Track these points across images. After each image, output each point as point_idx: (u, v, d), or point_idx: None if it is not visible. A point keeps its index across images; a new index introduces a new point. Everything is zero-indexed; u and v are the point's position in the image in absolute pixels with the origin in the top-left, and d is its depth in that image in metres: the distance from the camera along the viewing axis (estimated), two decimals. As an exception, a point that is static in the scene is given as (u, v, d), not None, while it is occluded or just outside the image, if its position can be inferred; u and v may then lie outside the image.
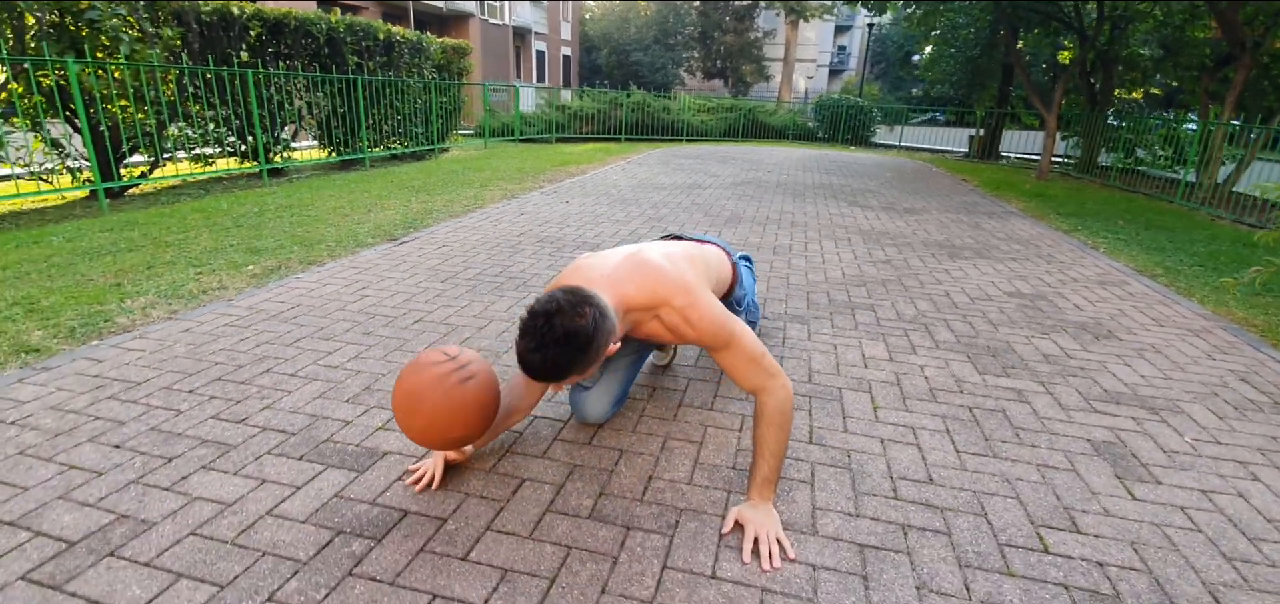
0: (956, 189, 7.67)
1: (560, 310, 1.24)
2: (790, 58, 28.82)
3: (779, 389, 1.45)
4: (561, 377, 1.28)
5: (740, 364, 1.46)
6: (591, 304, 1.28)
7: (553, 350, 1.23)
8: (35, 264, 3.20)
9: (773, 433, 1.44)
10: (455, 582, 1.25)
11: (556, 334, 1.22)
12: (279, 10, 6.61)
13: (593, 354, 1.28)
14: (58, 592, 1.19)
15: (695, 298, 1.47)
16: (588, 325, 1.25)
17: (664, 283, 1.46)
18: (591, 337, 1.26)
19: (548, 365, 1.24)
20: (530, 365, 1.26)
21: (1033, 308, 3.14)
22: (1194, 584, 1.33)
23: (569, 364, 1.26)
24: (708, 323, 1.45)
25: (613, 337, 1.34)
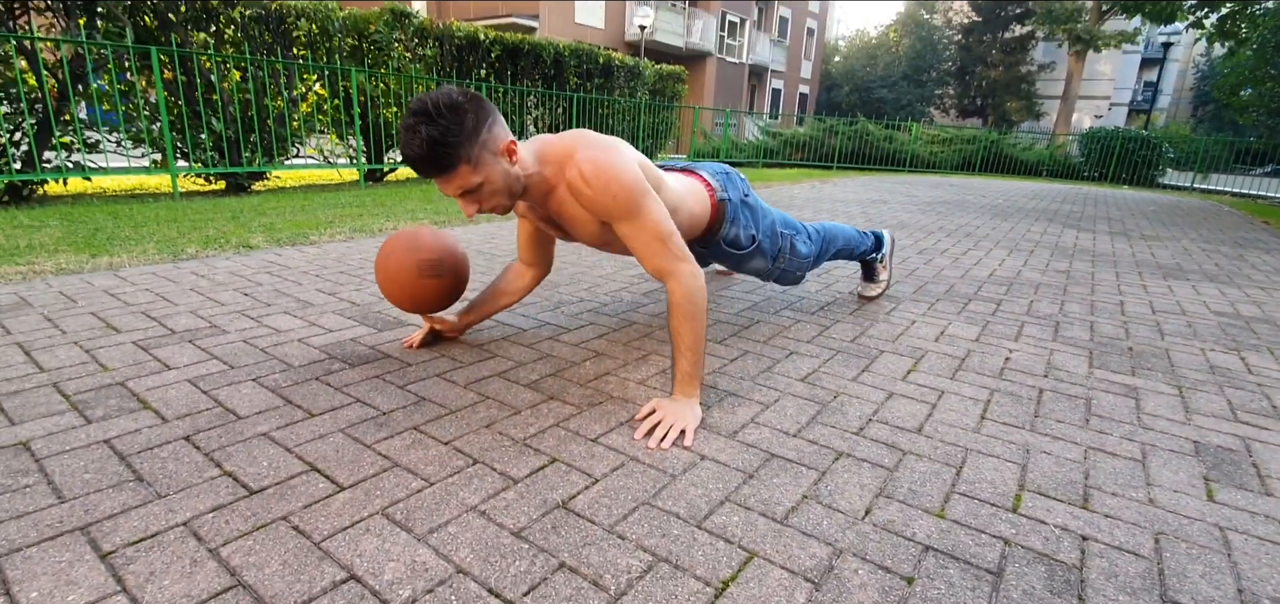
0: (1240, 226, 5.92)
1: (431, 93, 1.24)
2: (1072, 93, 24.74)
3: (687, 276, 1.37)
4: (445, 158, 1.23)
5: (645, 240, 1.39)
6: (468, 93, 1.26)
7: (428, 125, 1.20)
8: (289, 211, 4.29)
9: (685, 325, 1.36)
10: (381, 398, 1.43)
11: (427, 108, 1.21)
12: (515, 37, 7.83)
13: (471, 133, 1.24)
14: (152, 351, 1.65)
15: (600, 153, 1.37)
16: (460, 99, 1.23)
17: (577, 135, 1.42)
18: (464, 111, 1.23)
19: (428, 144, 1.20)
20: (410, 152, 1.23)
21: (1241, 327, 2.35)
22: (1224, 588, 0.93)
23: (447, 138, 1.21)
24: (610, 179, 1.34)
25: (502, 132, 1.31)
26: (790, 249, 2.01)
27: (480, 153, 1.27)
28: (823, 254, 2.17)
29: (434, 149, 1.22)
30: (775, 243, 1.96)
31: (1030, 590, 0.92)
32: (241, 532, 0.96)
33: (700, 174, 1.82)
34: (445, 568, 0.90)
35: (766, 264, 1.97)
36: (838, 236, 2.23)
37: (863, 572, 0.94)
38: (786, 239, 2.00)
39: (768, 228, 1.94)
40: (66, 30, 4.25)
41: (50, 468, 1.10)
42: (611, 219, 1.40)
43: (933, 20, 33.28)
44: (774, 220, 1.98)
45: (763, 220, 1.93)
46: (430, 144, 1.22)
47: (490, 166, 1.30)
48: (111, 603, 0.81)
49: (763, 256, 1.94)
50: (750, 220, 1.88)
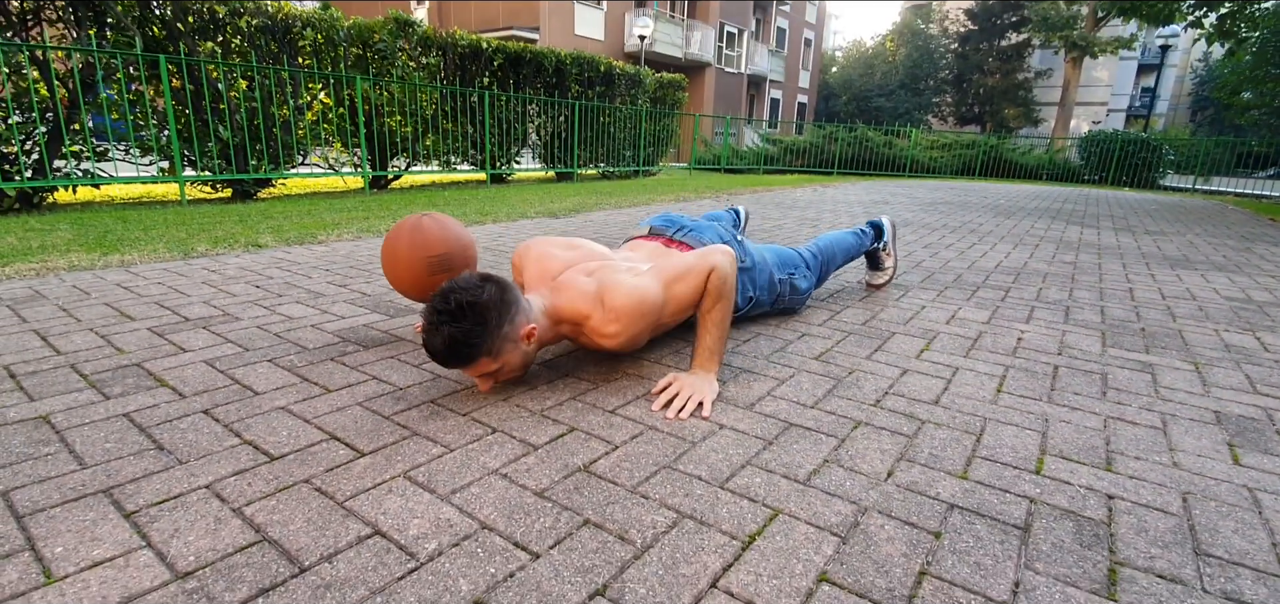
0: (1246, 223, 5.92)
1: (455, 288, 1.21)
2: (1069, 100, 24.91)
3: (722, 263, 1.40)
4: (466, 355, 1.21)
5: (684, 296, 1.40)
6: (492, 281, 1.24)
7: (451, 325, 1.18)
8: (296, 215, 4.31)
9: (715, 304, 1.39)
10: (397, 375, 1.43)
11: (451, 307, 1.18)
12: (517, 46, 7.88)
13: (494, 330, 1.22)
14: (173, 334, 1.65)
15: (609, 311, 1.34)
16: (483, 297, 1.21)
17: (582, 300, 1.37)
18: (487, 309, 1.20)
19: (449, 342, 1.18)
20: (433, 347, 1.20)
21: (1254, 310, 2.34)
22: (1257, 543, 0.93)
23: (469, 338, 1.19)
24: (632, 316, 1.34)
25: (523, 318, 1.28)
26: (790, 290, 1.98)
27: (502, 345, 1.25)
28: (824, 276, 2.17)
29: (455, 348, 1.20)
30: (774, 291, 1.93)
31: (1059, 543, 0.91)
32: (264, 493, 0.95)
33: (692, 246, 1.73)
34: (470, 524, 0.90)
35: (767, 309, 1.96)
36: (837, 253, 2.21)
37: (889, 527, 0.93)
38: (785, 284, 1.96)
39: (765, 283, 1.89)
40: (77, 41, 4.29)
41: (71, 438, 1.10)
42: (659, 321, 1.42)
43: (929, 29, 33.49)
44: (771, 270, 1.93)
45: (760, 278, 1.88)
46: (452, 343, 1.19)
47: (509, 354, 1.27)
48: (137, 557, 0.81)
49: (763, 306, 1.92)
50: (748, 284, 1.84)
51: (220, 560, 0.80)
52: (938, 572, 0.84)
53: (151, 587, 0.76)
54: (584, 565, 0.82)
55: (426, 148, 7.03)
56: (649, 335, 1.45)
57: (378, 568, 0.80)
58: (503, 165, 7.98)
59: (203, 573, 0.78)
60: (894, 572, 0.83)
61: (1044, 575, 0.84)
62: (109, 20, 4.40)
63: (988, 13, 29.15)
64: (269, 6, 5.31)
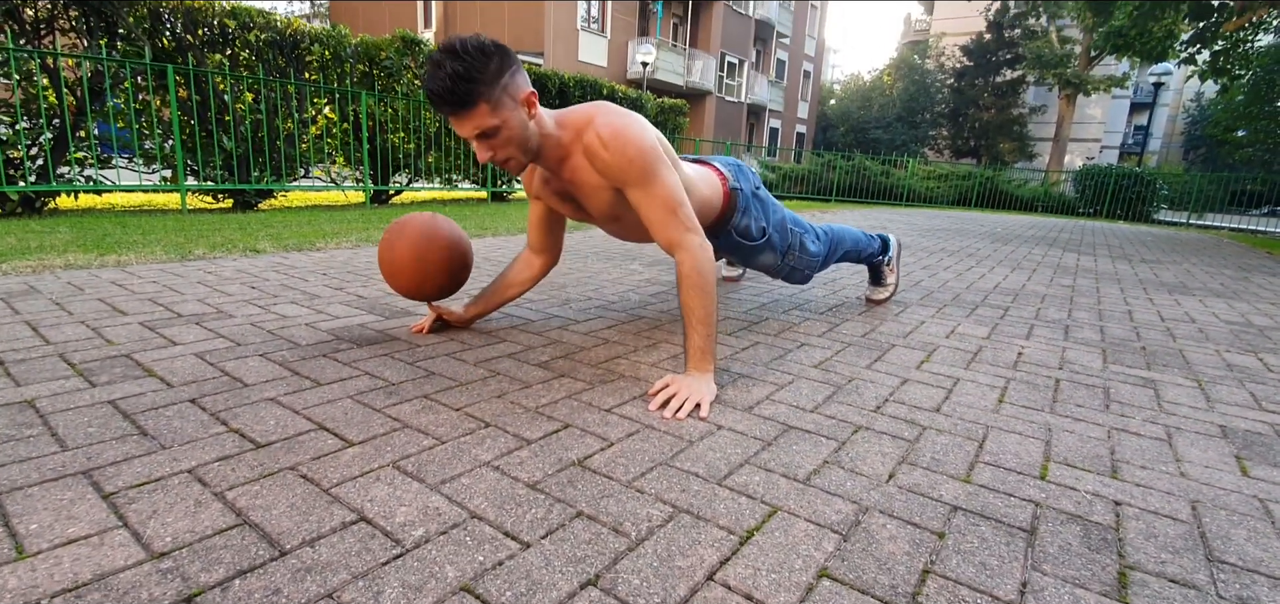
0: (1242, 255, 5.94)
1: (459, 35, 1.25)
2: (1063, 136, 25.22)
3: (696, 247, 1.37)
4: (465, 94, 1.23)
5: (656, 209, 1.38)
6: (496, 41, 1.27)
7: (453, 60, 1.21)
8: (296, 225, 4.30)
9: (695, 298, 1.35)
10: (390, 371, 1.41)
11: (453, 46, 1.22)
12: (526, 68, 7.96)
13: (494, 75, 1.24)
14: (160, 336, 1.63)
15: (618, 119, 1.37)
16: (487, 43, 1.24)
17: (597, 105, 1.41)
18: (489, 53, 1.24)
19: (451, 77, 1.21)
20: (433, 88, 1.23)
21: (1255, 334, 2.33)
22: (1272, 551, 0.90)
23: (469, 73, 1.21)
24: (627, 142, 1.35)
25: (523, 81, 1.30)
26: (800, 246, 2.00)
27: (501, 96, 1.27)
28: (831, 254, 2.17)
29: (456, 83, 1.22)
30: (785, 238, 1.96)
31: (1067, 546, 0.88)
32: (248, 478, 0.93)
33: (713, 164, 1.82)
34: (459, 513, 0.87)
35: (776, 259, 1.96)
36: (846, 238, 2.23)
37: (891, 526, 0.90)
38: (796, 236, 2.00)
39: (778, 222, 1.94)
40: (87, 49, 4.33)
41: (54, 422, 1.07)
42: (625, 184, 1.40)
43: (925, 64, 33.99)
44: (784, 216, 1.98)
45: (773, 214, 1.92)
46: (453, 78, 1.22)
47: (509, 112, 1.29)
48: (112, 536, 0.78)
49: (772, 250, 1.93)
50: (761, 212, 1.88)
51: (198, 542, 0.78)
52: (942, 570, 0.81)
53: (125, 565, 0.73)
54: (576, 555, 0.79)
55: (428, 164, 7.07)
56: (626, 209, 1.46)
57: (362, 553, 0.77)
58: (503, 184, 8.01)
59: (179, 553, 0.75)
60: (897, 569, 0.81)
61: (1052, 577, 0.81)
62: (120, 31, 4.44)
63: (983, 49, 29.61)
64: (278, 22, 5.37)
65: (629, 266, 3.07)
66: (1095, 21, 10.53)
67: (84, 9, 4.25)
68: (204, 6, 4.84)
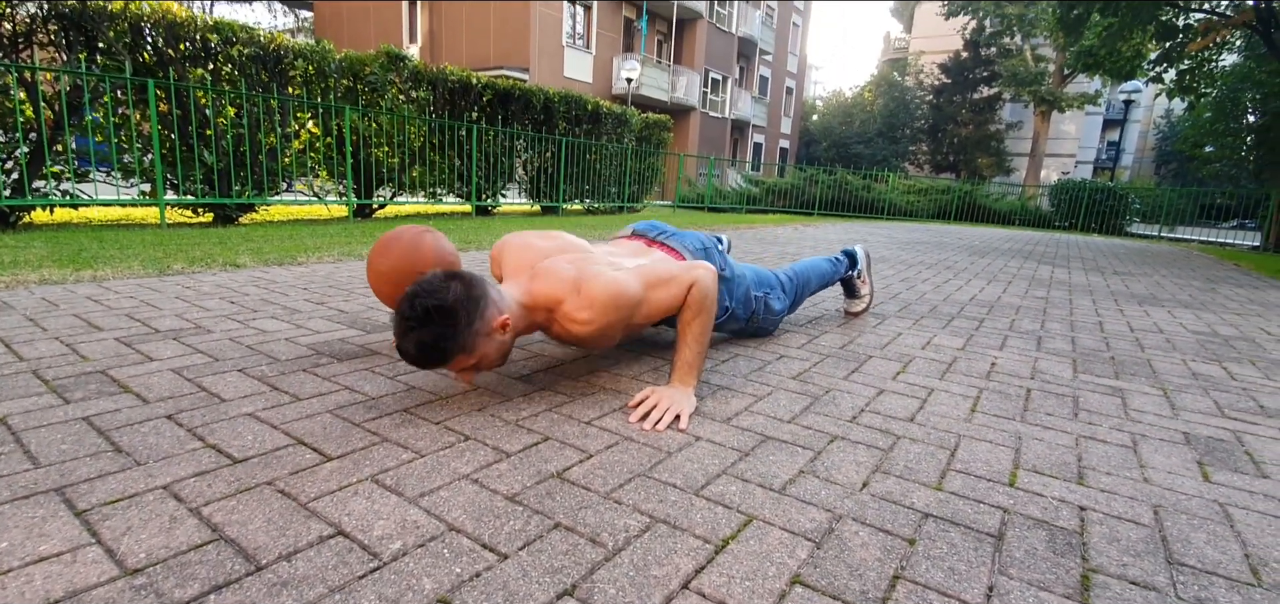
0: (1210, 267, 6.11)
1: (420, 291, 1.20)
2: (1039, 151, 25.80)
3: (702, 277, 1.41)
4: (439, 357, 1.21)
5: (662, 301, 1.40)
6: (458, 279, 1.23)
7: (419, 330, 1.17)
8: (277, 239, 4.27)
9: (695, 318, 1.40)
10: (370, 386, 1.41)
11: (418, 313, 1.17)
12: (506, 82, 8.00)
13: (464, 328, 1.20)
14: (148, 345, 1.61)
15: (584, 298, 1.33)
16: (449, 299, 1.19)
17: (559, 285, 1.37)
18: (454, 309, 1.19)
19: (421, 347, 1.18)
20: (405, 353, 1.20)
21: (1220, 343, 2.40)
22: (1230, 554, 0.93)
23: (439, 341, 1.18)
24: (605, 304, 1.33)
25: (494, 310, 1.26)
26: (764, 309, 1.99)
27: (474, 341, 1.24)
28: (798, 300, 2.19)
29: (426, 353, 1.20)
30: (749, 307, 1.93)
31: (1032, 550, 0.91)
32: (224, 494, 0.92)
33: (673, 248, 1.75)
34: (437, 526, 0.87)
35: (740, 326, 1.95)
36: (812, 278, 2.24)
37: (864, 533, 0.92)
38: (760, 302, 1.97)
39: (742, 297, 1.90)
40: (66, 64, 4.28)
41: (26, 439, 1.06)
42: (630, 325, 1.42)
43: (905, 81, 34.61)
44: (748, 285, 1.94)
45: (737, 290, 1.89)
46: (422, 348, 1.19)
47: (485, 346, 1.26)
48: (85, 553, 0.77)
49: (736, 321, 1.92)
50: (725, 295, 1.83)
51: (172, 558, 0.77)
52: (912, 576, 0.83)
53: (98, 582, 0.72)
54: (553, 566, 0.80)
55: (413, 179, 7.05)
56: (620, 333, 1.43)
57: (338, 567, 0.78)
58: (489, 198, 8.00)
59: (153, 570, 0.75)
60: (868, 575, 0.82)
61: (1017, 580, 0.84)
62: (101, 45, 4.40)
63: (960, 67, 30.23)
64: (262, 37, 5.35)
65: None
66: (1067, 41, 10.83)
67: (63, 23, 4.21)
68: (186, 21, 4.81)
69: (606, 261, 1.46)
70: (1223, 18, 8.52)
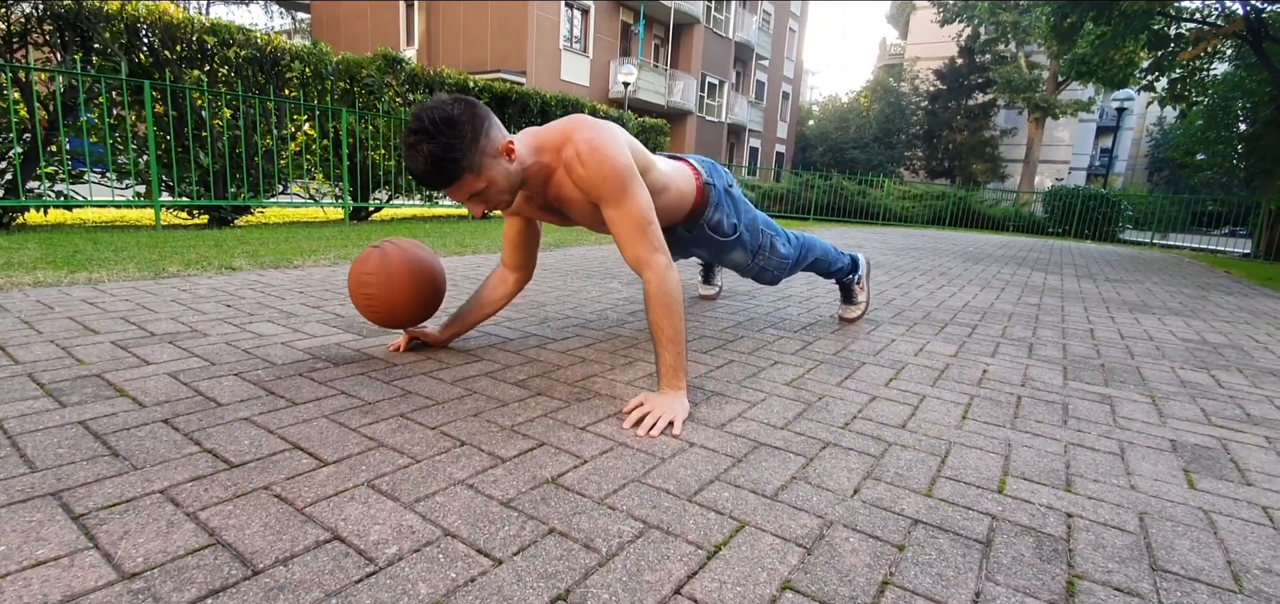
0: (1201, 274, 6.16)
1: (427, 107, 1.26)
2: (1033, 158, 25.95)
3: (662, 267, 1.41)
4: (449, 171, 1.26)
5: (627, 227, 1.42)
6: (460, 101, 1.29)
7: (429, 142, 1.23)
8: (273, 241, 4.27)
9: (664, 318, 1.39)
10: (366, 391, 1.42)
11: (426, 125, 1.24)
12: (504, 85, 8.01)
13: (471, 142, 1.27)
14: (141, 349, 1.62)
15: (595, 134, 1.40)
16: (456, 111, 1.26)
17: (575, 120, 1.44)
18: (460, 122, 1.25)
19: (431, 160, 1.24)
20: (416, 169, 1.26)
21: (1209, 351, 2.43)
22: (1213, 561, 0.95)
23: (449, 152, 1.24)
24: (603, 161, 1.37)
25: (498, 132, 1.33)
26: (770, 247, 2.08)
27: (481, 159, 1.31)
28: (800, 260, 2.23)
29: (437, 165, 1.26)
30: (756, 237, 2.03)
31: (1019, 557, 0.92)
32: (221, 498, 0.93)
33: (688, 161, 1.89)
34: (433, 531, 0.88)
35: (746, 256, 2.02)
36: (815, 246, 2.30)
37: (854, 539, 0.94)
38: (766, 237, 2.07)
39: (749, 221, 2.00)
40: (61, 64, 4.27)
41: (23, 443, 1.06)
42: (600, 200, 1.44)
43: (900, 87, 34.77)
44: (756, 217, 2.04)
45: (744, 213, 1.99)
46: (432, 160, 1.25)
47: (492, 169, 1.33)
48: (83, 557, 0.78)
49: (743, 248, 2.00)
50: (733, 210, 1.94)
51: (170, 562, 0.78)
52: (900, 581, 0.85)
53: (96, 586, 0.73)
54: (547, 571, 0.81)
55: (409, 181, 7.05)
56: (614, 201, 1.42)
57: (335, 571, 0.78)
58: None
59: (151, 574, 0.76)
60: (857, 581, 0.84)
61: (1004, 586, 0.85)
62: (96, 46, 4.40)
63: (955, 73, 30.38)
64: (258, 39, 5.35)
65: (608, 285, 3.10)
66: (1060, 49, 10.92)
67: (59, 23, 4.21)
68: (183, 22, 4.81)
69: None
70: (1213, 28, 8.61)
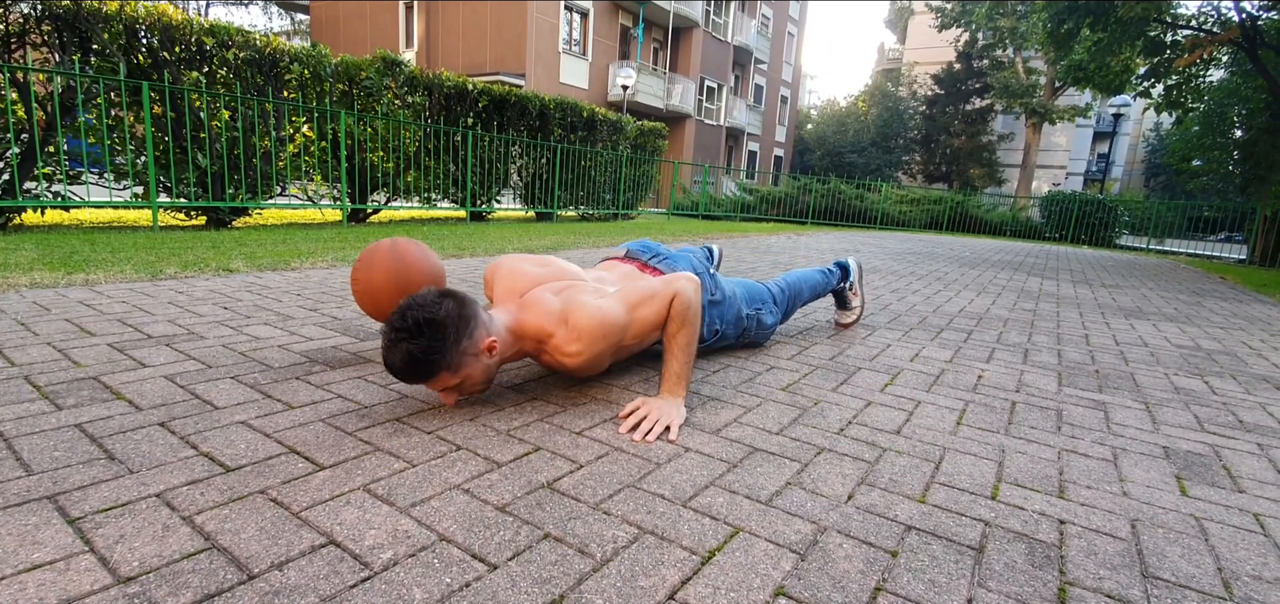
0: (1197, 280, 6.18)
1: (413, 305, 1.22)
2: (1030, 163, 26.04)
3: (685, 288, 1.43)
4: (424, 371, 1.22)
5: (647, 319, 1.43)
6: (450, 296, 1.25)
7: (409, 341, 1.19)
8: (270, 243, 4.27)
9: (681, 329, 1.42)
10: (362, 394, 1.42)
11: (408, 324, 1.19)
12: (502, 88, 8.02)
13: (452, 345, 1.22)
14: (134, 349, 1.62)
15: (572, 329, 1.36)
16: (441, 313, 1.21)
17: (547, 319, 1.39)
18: (444, 325, 1.21)
19: (407, 359, 1.20)
20: (391, 364, 1.21)
21: (1203, 357, 2.44)
22: (1203, 568, 0.96)
23: (428, 354, 1.20)
24: (594, 336, 1.35)
25: (482, 331, 1.29)
26: (756, 325, 2.03)
27: (461, 359, 1.25)
28: (790, 311, 2.23)
29: (414, 364, 1.21)
30: (741, 325, 1.97)
31: (1012, 563, 0.93)
32: (217, 503, 0.93)
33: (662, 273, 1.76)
34: (428, 535, 0.89)
35: (731, 342, 1.99)
36: (804, 289, 2.27)
37: (847, 545, 0.94)
38: (752, 319, 2.01)
39: (733, 317, 1.93)
40: (60, 64, 4.27)
41: (19, 446, 1.06)
42: (622, 345, 1.45)
43: (898, 92, 34.86)
44: (740, 306, 1.97)
45: (728, 312, 1.91)
46: (410, 359, 1.20)
47: (471, 367, 1.28)
48: (78, 561, 0.78)
49: (728, 340, 1.96)
50: (716, 317, 1.87)
51: (165, 567, 0.78)
52: (893, 588, 0.85)
53: (91, 590, 0.73)
54: (542, 577, 0.82)
55: (407, 183, 7.05)
56: (610, 358, 1.46)
57: (330, 576, 0.79)
58: (483, 203, 8.01)
59: (146, 578, 0.76)
60: (850, 587, 0.84)
61: (996, 593, 0.86)
62: (94, 46, 4.40)
63: (953, 79, 30.46)
64: (257, 40, 5.35)
65: (605, 289, 3.10)
66: (1057, 55, 10.96)
67: (57, 24, 4.20)
68: (182, 23, 4.81)
69: (593, 289, 1.48)
70: (1209, 35, 8.65)
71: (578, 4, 19.22)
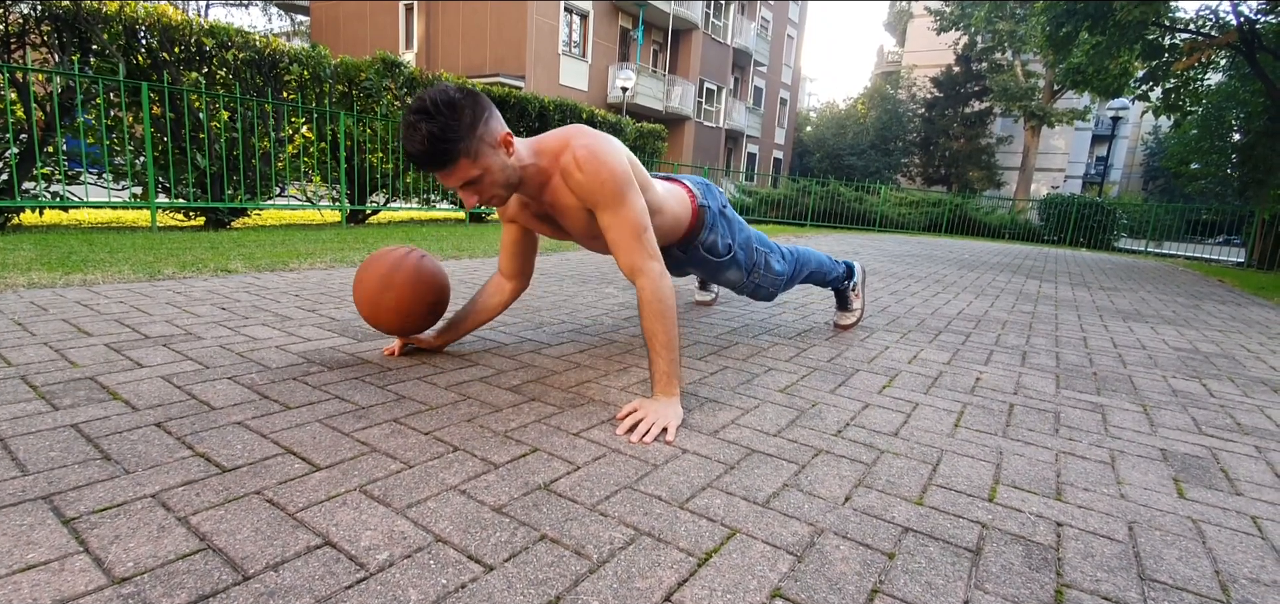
0: (1195, 283, 6.19)
1: (429, 91, 1.28)
2: (1029, 165, 26.07)
3: (655, 274, 1.42)
4: (445, 153, 1.27)
5: (622, 233, 1.43)
6: (465, 89, 1.31)
7: (426, 122, 1.25)
8: (269, 244, 4.27)
9: (657, 324, 1.39)
10: (360, 395, 1.42)
11: (426, 106, 1.25)
12: (502, 89, 8.03)
13: (469, 128, 1.28)
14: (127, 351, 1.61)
15: (593, 142, 1.42)
16: (458, 96, 1.28)
17: (573, 128, 1.46)
18: (460, 107, 1.27)
19: (428, 140, 1.25)
20: (413, 150, 1.27)
21: (1201, 360, 2.44)
22: (1201, 570, 0.95)
23: (445, 133, 1.26)
24: (600, 166, 1.40)
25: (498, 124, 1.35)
26: (764, 264, 2.09)
27: (479, 146, 1.32)
28: (796, 274, 2.24)
29: (434, 144, 1.27)
30: (750, 256, 2.05)
31: (1009, 566, 0.93)
32: (212, 503, 0.93)
33: (683, 182, 1.89)
34: (424, 537, 0.88)
35: (741, 275, 2.03)
36: (811, 260, 2.31)
37: (844, 547, 0.94)
38: (761, 255, 2.09)
39: (743, 241, 2.02)
40: (59, 65, 4.27)
41: (14, 446, 1.06)
42: (596, 207, 1.45)
43: (898, 94, 34.91)
44: (750, 236, 2.06)
45: (739, 233, 2.01)
46: (430, 139, 1.27)
47: (489, 158, 1.35)
48: (73, 562, 0.78)
49: (737, 267, 2.01)
50: (727, 230, 1.95)
51: (160, 567, 0.78)
52: (890, 590, 0.85)
53: (86, 591, 0.73)
54: (538, 578, 0.81)
55: (406, 184, 7.05)
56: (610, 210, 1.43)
57: (325, 577, 0.79)
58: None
59: (141, 579, 0.76)
60: (847, 589, 0.84)
61: (993, 595, 0.86)
62: (94, 47, 4.40)
63: (952, 81, 30.52)
64: (257, 41, 5.35)
65: (603, 290, 3.10)
66: (1056, 58, 10.99)
67: (57, 24, 4.20)
68: (182, 24, 4.81)
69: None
70: (1207, 38, 8.67)
71: (577, 6, 19.25)
